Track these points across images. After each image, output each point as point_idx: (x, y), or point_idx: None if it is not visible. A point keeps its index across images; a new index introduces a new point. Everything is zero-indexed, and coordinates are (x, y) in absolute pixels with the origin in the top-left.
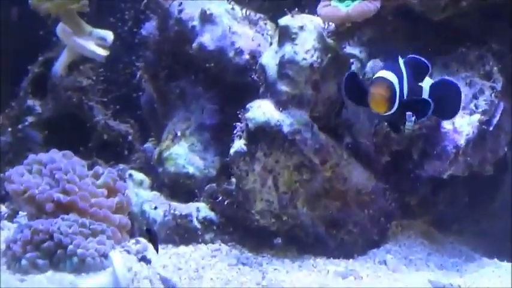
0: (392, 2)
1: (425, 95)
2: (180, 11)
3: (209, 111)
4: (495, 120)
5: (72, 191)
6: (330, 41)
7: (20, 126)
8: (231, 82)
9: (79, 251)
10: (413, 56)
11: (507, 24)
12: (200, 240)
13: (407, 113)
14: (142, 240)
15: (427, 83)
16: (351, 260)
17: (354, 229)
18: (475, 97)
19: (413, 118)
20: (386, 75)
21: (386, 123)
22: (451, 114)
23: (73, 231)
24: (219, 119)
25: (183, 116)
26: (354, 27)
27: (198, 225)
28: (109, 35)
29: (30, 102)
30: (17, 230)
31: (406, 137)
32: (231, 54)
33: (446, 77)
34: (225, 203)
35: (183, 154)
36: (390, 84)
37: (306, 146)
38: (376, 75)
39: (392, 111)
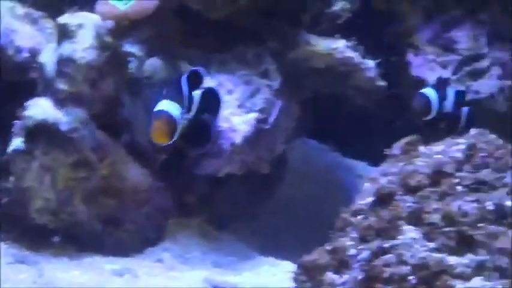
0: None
1: (195, 103)
2: None
3: None
4: (272, 119)
5: None
6: (108, 38)
7: None
8: (11, 80)
9: None
10: (193, 69)
11: (285, 23)
12: None
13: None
14: None
15: (197, 93)
16: (128, 258)
17: (131, 227)
18: (252, 95)
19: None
20: (167, 108)
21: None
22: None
23: None
24: None
25: None
26: (133, 25)
27: None
28: None
29: None
30: None
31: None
32: (11, 52)
33: (213, 87)
34: (3, 201)
35: None
36: (170, 118)
37: (83, 144)
38: (158, 108)
39: (173, 140)
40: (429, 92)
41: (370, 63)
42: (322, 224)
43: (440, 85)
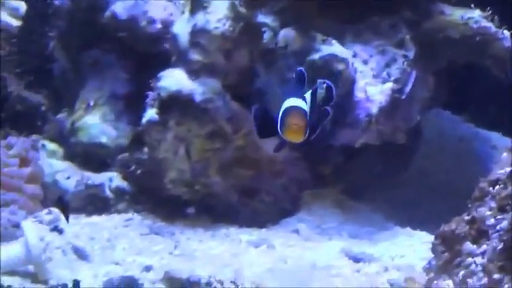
0: None
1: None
2: None
3: (122, 80)
4: (407, 89)
5: None
6: (242, 9)
7: None
8: (143, 51)
9: None
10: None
11: None
12: (113, 209)
13: (318, 80)
14: (55, 210)
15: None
16: (263, 229)
17: (267, 198)
18: (387, 65)
19: (324, 85)
20: (298, 103)
21: None
22: None
23: None
24: (131, 88)
25: (95, 86)
26: None
27: (111, 195)
28: (21, 5)
29: None
30: None
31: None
32: (143, 23)
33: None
34: (138, 172)
35: (96, 124)
36: (304, 113)
37: (218, 115)
38: (288, 105)
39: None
40: None
41: (506, 33)
42: (458, 195)
43: None
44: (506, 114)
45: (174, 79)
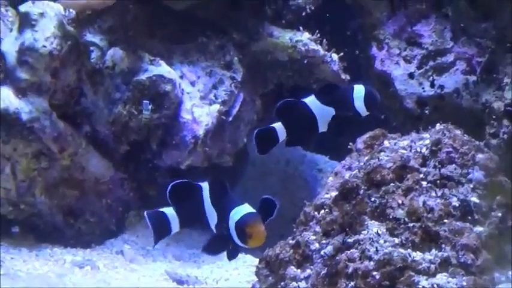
0: None
1: None
2: None
3: None
4: (235, 111)
5: None
6: (70, 28)
7: None
8: None
9: None
10: None
11: (248, 15)
12: None
13: (144, 101)
14: None
15: None
16: (88, 249)
17: (92, 218)
18: (215, 87)
19: (150, 106)
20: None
21: None
22: None
23: None
24: None
25: None
26: (95, 15)
27: None
28: None
29: None
30: None
31: (144, 126)
32: None
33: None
34: None
35: None
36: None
37: (44, 134)
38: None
39: None
40: None
41: (334, 56)
42: (284, 218)
43: None
44: (332, 137)
45: (1, 97)
